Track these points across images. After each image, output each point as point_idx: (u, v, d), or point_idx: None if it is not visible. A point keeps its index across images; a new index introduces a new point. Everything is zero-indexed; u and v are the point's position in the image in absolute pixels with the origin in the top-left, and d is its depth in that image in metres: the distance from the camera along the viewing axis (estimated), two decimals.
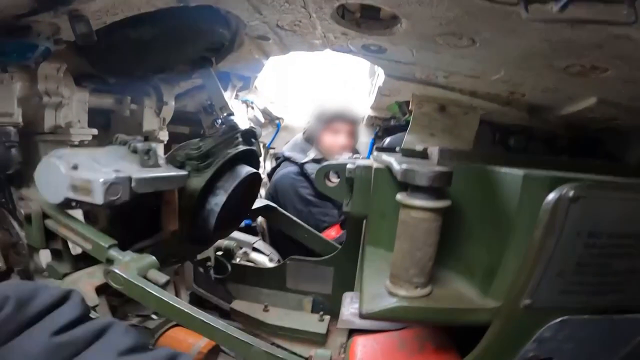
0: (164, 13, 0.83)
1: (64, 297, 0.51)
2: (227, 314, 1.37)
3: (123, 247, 0.78)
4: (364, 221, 1.20)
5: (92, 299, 0.72)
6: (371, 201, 0.77)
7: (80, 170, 0.71)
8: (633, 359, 0.55)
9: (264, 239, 1.90)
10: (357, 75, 1.67)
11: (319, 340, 1.29)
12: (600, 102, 0.93)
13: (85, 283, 0.76)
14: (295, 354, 1.33)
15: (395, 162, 0.66)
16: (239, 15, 0.91)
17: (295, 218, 1.41)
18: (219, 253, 1.36)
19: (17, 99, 0.81)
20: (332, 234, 1.73)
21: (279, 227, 1.54)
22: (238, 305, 1.39)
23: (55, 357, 0.44)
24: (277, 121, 2.43)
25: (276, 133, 2.44)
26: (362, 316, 0.59)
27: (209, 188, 1.00)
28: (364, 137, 2.17)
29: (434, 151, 0.75)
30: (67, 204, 0.73)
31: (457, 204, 0.62)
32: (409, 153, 0.87)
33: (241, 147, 1.08)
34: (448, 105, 1.24)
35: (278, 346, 1.36)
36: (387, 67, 1.10)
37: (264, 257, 1.65)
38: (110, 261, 0.74)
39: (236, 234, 1.61)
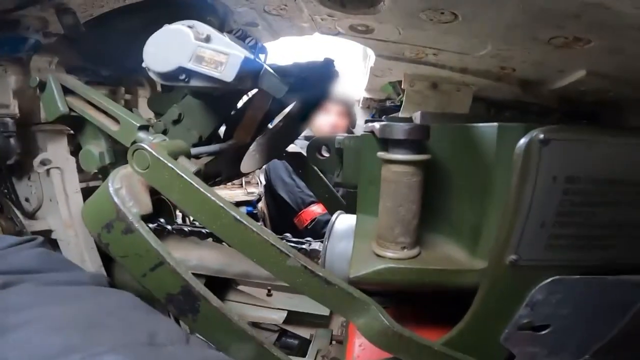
0: (151, 3, 0.84)
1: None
2: None
3: None
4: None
5: (145, 204, 0.57)
6: (360, 168, 0.77)
7: (214, 43, 0.65)
8: (635, 331, 0.52)
9: (264, 225, 1.94)
10: (349, 57, 1.67)
11: (323, 322, 1.31)
12: (590, 74, 0.92)
13: (138, 181, 0.59)
14: (298, 336, 1.38)
15: (377, 124, 0.66)
16: (225, 2, 0.92)
17: (322, 176, 1.34)
18: None
19: (12, 91, 0.83)
20: (318, 210, 1.79)
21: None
22: (242, 289, 1.43)
23: None
24: None
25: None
26: (350, 281, 0.59)
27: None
28: (360, 120, 2.17)
29: (417, 115, 0.76)
30: (172, 75, 0.65)
31: (440, 164, 0.63)
32: (394, 120, 0.88)
33: None
34: (440, 82, 1.24)
35: (283, 329, 1.40)
36: (377, 47, 1.10)
37: None
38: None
39: None
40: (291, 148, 1.27)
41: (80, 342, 0.30)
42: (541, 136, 0.46)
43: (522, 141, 0.47)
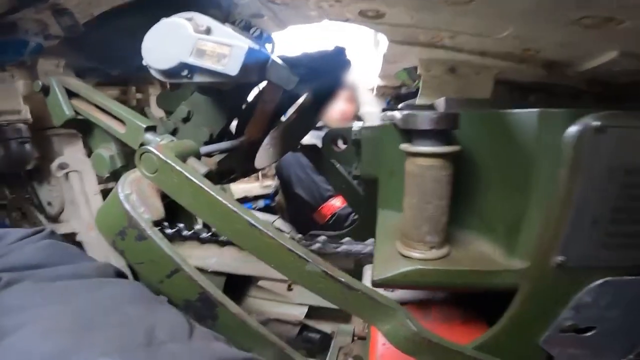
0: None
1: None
2: None
3: None
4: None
5: (157, 209, 0.54)
6: (380, 160, 0.73)
7: (215, 34, 0.61)
8: None
9: (282, 218, 1.93)
10: (359, 43, 1.63)
11: (344, 316, 1.30)
12: (623, 55, 0.86)
13: (148, 186, 0.55)
14: (320, 331, 1.37)
15: (398, 113, 0.62)
16: None
17: (337, 167, 1.27)
18: None
19: (22, 96, 0.83)
20: (337, 204, 1.73)
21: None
22: (262, 284, 1.43)
23: None
24: None
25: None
26: (374, 283, 0.55)
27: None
28: (376, 108, 2.12)
29: (440, 102, 0.71)
30: (174, 72, 0.62)
31: (470, 155, 0.58)
32: (414, 108, 0.83)
33: None
34: (458, 66, 1.18)
35: (304, 325, 1.40)
36: (389, 32, 1.06)
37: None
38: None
39: (256, 214, 1.62)
40: (305, 140, 1.25)
41: (72, 346, 0.30)
42: (596, 123, 0.40)
43: (574, 129, 0.41)
